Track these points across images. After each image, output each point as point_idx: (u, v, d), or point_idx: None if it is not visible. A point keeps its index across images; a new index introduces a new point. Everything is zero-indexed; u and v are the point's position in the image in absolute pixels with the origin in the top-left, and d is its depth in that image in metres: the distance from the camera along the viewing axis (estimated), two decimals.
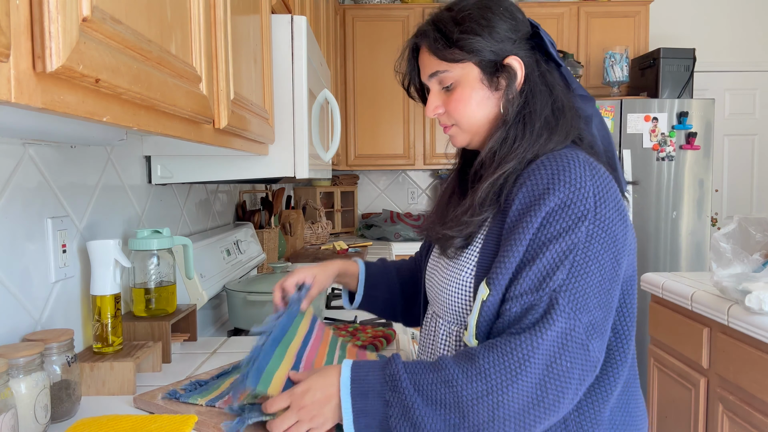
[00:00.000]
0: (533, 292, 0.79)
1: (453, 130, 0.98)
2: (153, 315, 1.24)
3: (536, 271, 0.79)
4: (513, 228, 0.83)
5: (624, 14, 3.63)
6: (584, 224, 0.80)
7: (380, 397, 0.79)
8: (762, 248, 1.78)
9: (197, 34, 0.86)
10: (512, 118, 0.90)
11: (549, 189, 0.81)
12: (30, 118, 0.73)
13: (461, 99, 0.93)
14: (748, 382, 1.66)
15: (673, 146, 3.30)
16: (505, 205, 0.87)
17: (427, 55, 0.94)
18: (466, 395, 0.76)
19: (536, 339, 0.76)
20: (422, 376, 0.79)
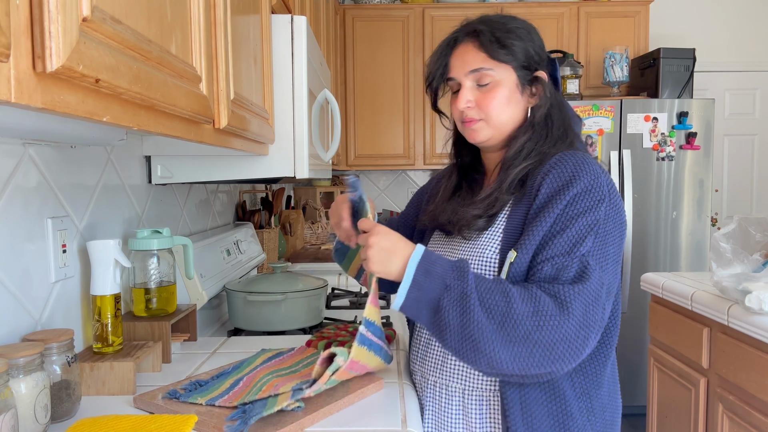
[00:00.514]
0: (564, 256, 0.93)
1: (480, 124, 1.06)
2: (153, 315, 1.24)
3: (566, 238, 0.93)
4: (542, 207, 0.97)
5: (624, 14, 3.63)
6: (603, 205, 0.95)
7: (441, 281, 0.91)
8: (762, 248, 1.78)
9: (197, 34, 0.86)
10: (537, 122, 1.05)
11: (574, 177, 0.96)
12: (30, 118, 0.73)
13: (498, 98, 1.04)
14: (748, 382, 1.66)
15: (673, 146, 3.30)
16: (529, 191, 1.01)
17: (474, 52, 1.04)
18: (515, 309, 0.89)
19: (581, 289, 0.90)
20: (485, 280, 0.92)
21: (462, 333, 0.89)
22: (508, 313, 0.88)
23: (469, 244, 1.05)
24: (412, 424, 0.95)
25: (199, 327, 1.56)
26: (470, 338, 0.89)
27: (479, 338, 0.88)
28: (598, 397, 1.01)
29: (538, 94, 1.06)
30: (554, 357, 0.89)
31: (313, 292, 1.58)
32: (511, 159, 1.04)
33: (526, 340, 0.88)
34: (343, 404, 0.99)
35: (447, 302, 0.90)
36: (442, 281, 0.91)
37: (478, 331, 0.88)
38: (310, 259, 2.73)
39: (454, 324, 0.90)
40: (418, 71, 3.62)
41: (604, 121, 3.29)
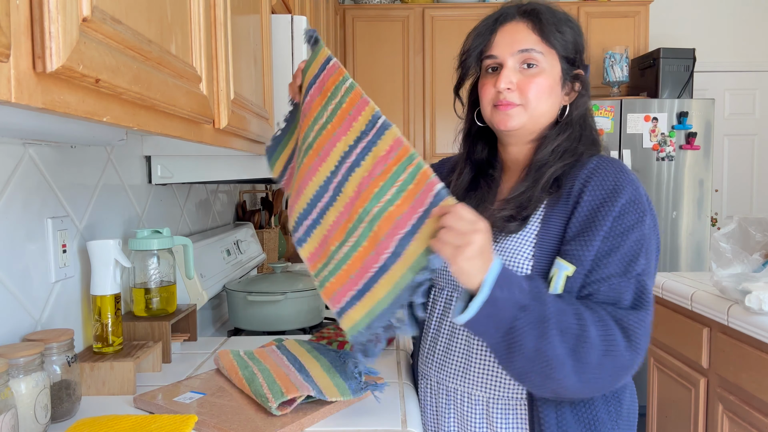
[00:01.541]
0: (620, 276, 0.90)
1: (517, 110, 0.99)
2: (153, 315, 1.24)
3: (620, 257, 0.90)
4: (590, 218, 0.93)
5: (624, 14, 3.63)
6: (647, 218, 0.93)
7: (517, 300, 0.83)
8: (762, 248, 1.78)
9: (197, 34, 0.86)
10: (575, 121, 1.01)
11: (618, 187, 0.93)
12: (30, 118, 0.73)
13: (544, 85, 0.99)
14: (748, 382, 1.66)
15: (673, 146, 3.30)
16: (566, 194, 0.96)
17: (527, 32, 0.99)
18: (589, 334, 0.85)
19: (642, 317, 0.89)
20: (557, 299, 0.87)
21: (535, 357, 0.83)
22: (582, 338, 0.84)
23: (500, 244, 0.98)
24: (412, 424, 0.95)
25: (199, 327, 1.56)
26: (543, 363, 0.83)
27: (553, 364, 0.83)
28: (625, 401, 1.01)
29: (577, 89, 1.03)
30: (613, 382, 0.88)
31: (313, 292, 1.58)
32: (546, 157, 0.99)
33: (596, 366, 0.85)
34: (343, 404, 0.99)
35: (522, 323, 0.83)
36: (519, 301, 0.83)
37: (553, 357, 0.83)
38: None
39: (528, 347, 0.83)
40: (418, 71, 3.62)
41: (604, 121, 3.29)
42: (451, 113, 1.19)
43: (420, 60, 3.62)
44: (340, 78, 0.94)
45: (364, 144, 0.90)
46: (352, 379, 1.03)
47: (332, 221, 0.92)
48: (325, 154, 0.92)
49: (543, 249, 0.95)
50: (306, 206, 0.95)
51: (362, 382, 1.02)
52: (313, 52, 0.97)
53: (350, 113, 0.92)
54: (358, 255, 0.88)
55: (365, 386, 1.00)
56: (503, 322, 0.83)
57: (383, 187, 0.87)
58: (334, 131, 0.92)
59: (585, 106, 1.03)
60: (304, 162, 0.95)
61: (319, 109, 0.94)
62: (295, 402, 0.95)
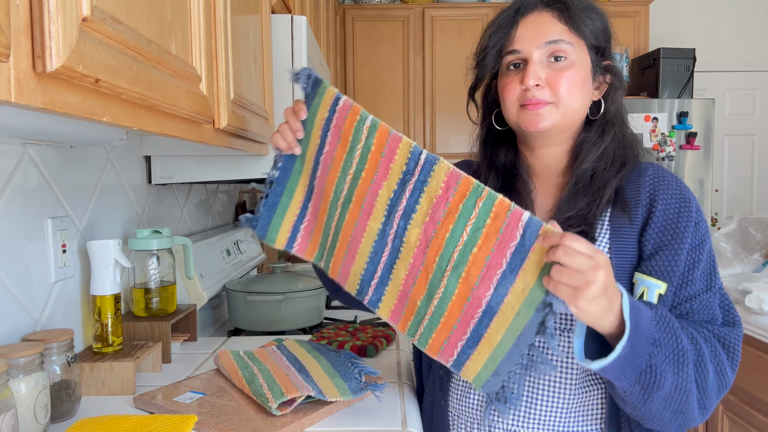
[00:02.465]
0: (707, 292, 0.86)
1: (548, 108, 0.89)
2: (153, 315, 1.24)
3: (702, 273, 0.87)
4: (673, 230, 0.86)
5: (624, 14, 3.62)
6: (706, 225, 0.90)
7: (650, 334, 0.75)
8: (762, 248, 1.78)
9: (197, 34, 0.86)
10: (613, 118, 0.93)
11: (685, 195, 0.89)
12: (30, 118, 0.73)
13: (576, 79, 0.89)
14: (748, 382, 1.66)
15: (673, 146, 3.30)
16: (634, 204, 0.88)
17: (553, 22, 0.89)
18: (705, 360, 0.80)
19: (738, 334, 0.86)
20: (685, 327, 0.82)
21: (674, 394, 0.77)
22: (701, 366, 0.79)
23: None
24: (412, 424, 0.95)
25: (199, 327, 1.56)
26: (680, 399, 0.78)
27: (688, 399, 0.78)
28: None
29: (608, 84, 0.94)
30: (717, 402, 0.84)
31: (313, 292, 1.58)
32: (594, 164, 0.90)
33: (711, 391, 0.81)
34: (343, 404, 0.99)
35: (659, 360, 0.75)
36: (651, 335, 0.75)
37: (689, 392, 0.77)
38: None
39: (667, 385, 0.76)
40: (418, 71, 3.62)
41: None
42: (451, 113, 1.19)
43: (420, 60, 3.62)
44: (357, 117, 0.84)
45: (411, 186, 0.81)
46: (352, 379, 1.03)
47: (404, 275, 0.84)
48: (368, 206, 0.84)
49: (621, 264, 0.87)
50: (366, 266, 0.86)
51: (362, 382, 1.02)
52: (316, 94, 0.88)
53: (383, 155, 0.82)
54: (453, 304, 0.80)
55: (365, 386, 1.00)
56: (638, 362, 0.74)
57: (455, 230, 0.78)
58: (371, 179, 0.83)
59: (620, 100, 0.95)
60: (346, 219, 0.87)
61: (344, 158, 0.85)
62: (295, 402, 0.95)
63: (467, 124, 1.06)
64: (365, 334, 1.37)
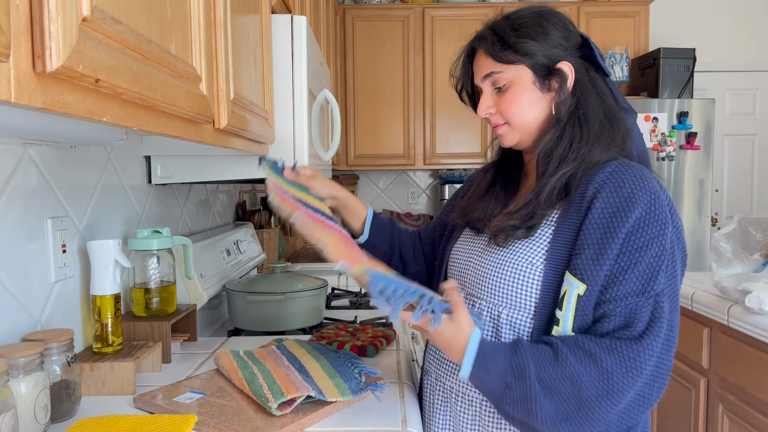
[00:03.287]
0: (638, 296, 0.85)
1: (504, 129, 1.01)
2: (153, 315, 1.24)
3: (638, 275, 0.85)
4: (602, 229, 0.88)
5: (624, 14, 3.62)
6: (668, 231, 0.87)
7: (501, 379, 0.85)
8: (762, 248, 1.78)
9: (197, 34, 0.86)
10: (565, 118, 0.96)
11: (634, 196, 0.87)
12: (30, 118, 0.73)
13: (513, 99, 0.98)
14: (748, 382, 1.66)
15: (673, 146, 3.30)
16: (578, 202, 0.92)
17: (483, 58, 1.00)
18: (588, 393, 0.83)
19: (653, 344, 0.84)
20: (547, 369, 0.84)
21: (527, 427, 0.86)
22: (580, 399, 0.83)
23: (502, 251, 0.97)
24: (412, 424, 0.95)
25: (199, 327, 1.56)
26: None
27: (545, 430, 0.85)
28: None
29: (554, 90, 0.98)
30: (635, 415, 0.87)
31: (313, 292, 1.58)
32: (546, 163, 0.96)
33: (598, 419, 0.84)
34: (343, 404, 0.99)
35: (508, 405, 0.85)
36: (502, 380, 0.85)
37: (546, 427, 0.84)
38: (310, 259, 2.73)
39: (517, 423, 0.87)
40: (418, 71, 3.62)
41: None
42: (451, 113, 1.22)
43: (420, 60, 3.62)
44: None
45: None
46: (352, 379, 1.03)
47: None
48: None
49: (554, 261, 0.91)
50: None
51: (362, 382, 1.02)
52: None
53: None
54: None
55: (365, 386, 1.00)
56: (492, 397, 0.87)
57: None
58: None
59: (572, 99, 0.96)
60: None
61: None
62: (295, 402, 0.95)
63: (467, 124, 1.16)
64: (365, 334, 1.37)
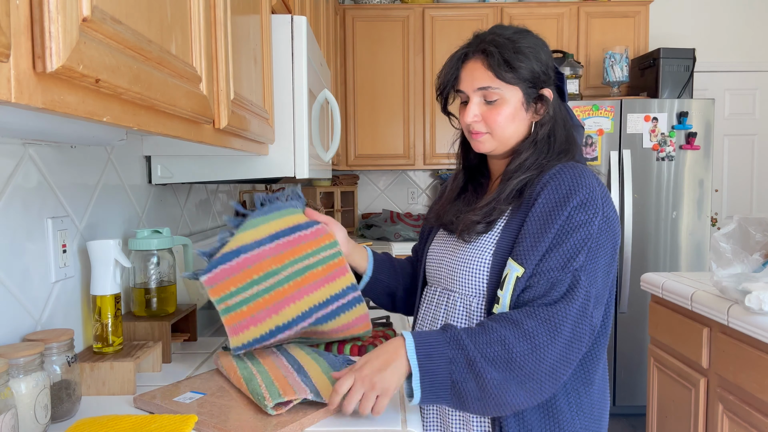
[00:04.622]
0: (559, 270, 0.97)
1: (485, 137, 1.10)
2: (153, 315, 1.24)
3: (561, 253, 0.97)
4: (542, 220, 1.00)
5: (624, 14, 3.62)
6: (597, 219, 0.99)
7: (444, 357, 0.92)
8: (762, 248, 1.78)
9: (197, 34, 0.87)
10: (540, 138, 1.08)
11: (572, 190, 1.00)
12: (30, 118, 0.73)
13: (504, 115, 1.07)
14: (748, 382, 1.66)
15: (673, 146, 3.30)
16: (527, 201, 1.04)
17: (482, 70, 1.06)
18: (516, 352, 0.92)
19: (567, 308, 0.95)
20: (478, 336, 0.94)
21: (482, 396, 0.92)
22: (511, 360, 0.92)
23: (467, 246, 1.09)
24: (412, 425, 0.95)
25: (199, 327, 1.56)
26: (491, 397, 0.92)
27: (499, 394, 0.92)
28: (588, 395, 1.05)
29: (541, 111, 1.09)
30: (556, 377, 0.95)
31: None
32: (512, 171, 1.08)
33: (533, 375, 0.93)
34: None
35: (458, 374, 0.92)
36: (444, 357, 0.93)
37: (496, 388, 0.92)
38: None
39: (473, 392, 0.92)
40: (418, 71, 3.62)
41: (604, 121, 3.29)
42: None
43: (420, 60, 3.62)
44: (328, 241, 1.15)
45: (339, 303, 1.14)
46: None
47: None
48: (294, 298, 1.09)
49: (499, 253, 1.04)
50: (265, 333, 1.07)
51: None
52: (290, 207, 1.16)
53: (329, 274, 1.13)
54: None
55: None
56: (444, 383, 0.92)
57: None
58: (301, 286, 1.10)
59: (550, 123, 1.09)
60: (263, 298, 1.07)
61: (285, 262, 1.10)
62: (291, 403, 0.95)
63: None
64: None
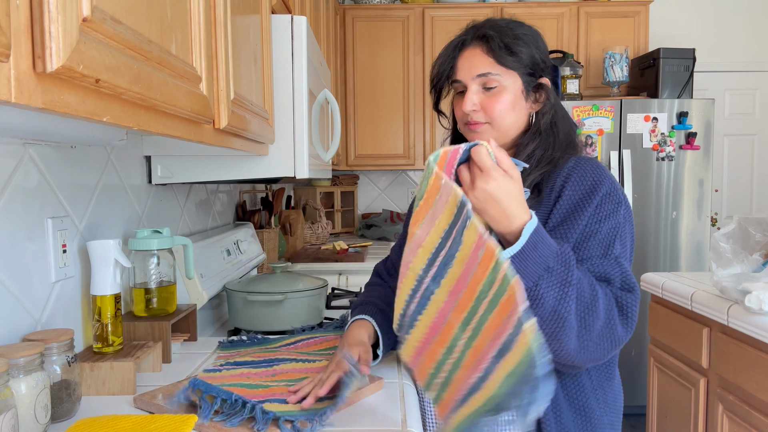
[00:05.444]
0: (601, 258, 0.98)
1: (484, 127, 1.06)
2: (153, 315, 1.24)
3: (598, 242, 0.98)
4: (571, 211, 1.00)
5: (624, 14, 3.62)
6: (621, 208, 1.01)
7: (545, 261, 0.88)
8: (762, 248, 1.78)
9: (197, 34, 0.87)
10: (543, 128, 1.06)
11: (598, 182, 1.01)
12: (30, 118, 0.73)
13: (504, 103, 1.04)
14: (748, 382, 1.66)
15: (673, 146, 3.30)
16: (548, 196, 1.03)
17: (482, 56, 1.04)
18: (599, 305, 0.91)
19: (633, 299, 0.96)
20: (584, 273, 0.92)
21: (550, 317, 0.88)
22: (592, 307, 0.90)
23: None
24: (412, 424, 0.95)
25: (199, 327, 1.56)
26: (555, 324, 0.88)
27: (564, 327, 0.88)
28: (612, 390, 1.06)
29: (541, 100, 1.08)
30: (605, 354, 0.94)
31: (313, 292, 1.58)
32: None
33: (597, 336, 0.92)
34: (343, 404, 0.99)
35: (546, 285, 0.88)
36: (546, 261, 0.88)
37: (566, 320, 0.88)
38: (310, 259, 2.73)
39: (545, 308, 0.87)
40: (418, 71, 3.62)
41: (603, 121, 3.29)
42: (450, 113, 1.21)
43: (420, 60, 3.62)
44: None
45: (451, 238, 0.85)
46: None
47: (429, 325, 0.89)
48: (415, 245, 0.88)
49: None
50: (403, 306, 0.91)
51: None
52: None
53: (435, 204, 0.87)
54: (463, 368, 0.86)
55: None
56: (530, 279, 0.88)
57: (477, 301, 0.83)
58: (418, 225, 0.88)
59: (551, 112, 1.07)
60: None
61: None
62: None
63: None
64: None
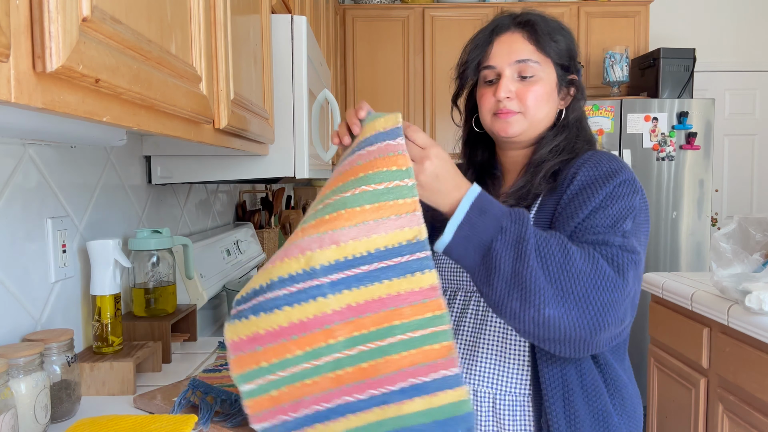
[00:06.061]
0: (608, 228, 0.90)
1: (516, 117, 1.02)
2: (153, 315, 1.24)
3: (609, 215, 0.92)
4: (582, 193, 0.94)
5: (624, 14, 3.62)
6: (638, 197, 0.95)
7: (497, 222, 0.84)
8: (762, 248, 1.78)
9: (197, 34, 0.87)
10: (571, 125, 1.05)
11: (614, 170, 0.96)
12: (30, 118, 0.73)
13: (541, 93, 1.02)
14: (748, 382, 1.66)
15: (673, 146, 3.30)
16: (561, 183, 0.99)
17: (523, 42, 1.02)
18: (574, 264, 0.83)
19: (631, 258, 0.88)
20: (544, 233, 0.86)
21: (512, 280, 0.82)
22: (565, 267, 0.83)
23: None
24: None
25: (199, 327, 1.56)
26: (520, 286, 0.81)
27: (531, 287, 0.81)
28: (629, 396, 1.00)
29: (572, 94, 1.06)
30: (602, 322, 0.83)
31: None
32: (544, 156, 1.02)
33: (581, 298, 0.82)
34: None
35: (500, 245, 0.82)
36: (498, 222, 0.83)
37: (530, 280, 0.81)
38: None
39: (505, 269, 0.82)
40: (418, 71, 3.61)
41: (604, 121, 3.29)
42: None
43: (420, 60, 3.62)
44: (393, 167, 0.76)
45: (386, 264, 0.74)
46: None
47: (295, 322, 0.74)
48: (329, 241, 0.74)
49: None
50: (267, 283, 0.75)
51: None
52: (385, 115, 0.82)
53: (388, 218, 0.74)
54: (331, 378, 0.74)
55: None
56: (482, 244, 0.83)
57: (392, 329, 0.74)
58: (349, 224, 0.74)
59: (581, 109, 1.06)
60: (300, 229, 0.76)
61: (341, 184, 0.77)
62: None
63: None
64: None
